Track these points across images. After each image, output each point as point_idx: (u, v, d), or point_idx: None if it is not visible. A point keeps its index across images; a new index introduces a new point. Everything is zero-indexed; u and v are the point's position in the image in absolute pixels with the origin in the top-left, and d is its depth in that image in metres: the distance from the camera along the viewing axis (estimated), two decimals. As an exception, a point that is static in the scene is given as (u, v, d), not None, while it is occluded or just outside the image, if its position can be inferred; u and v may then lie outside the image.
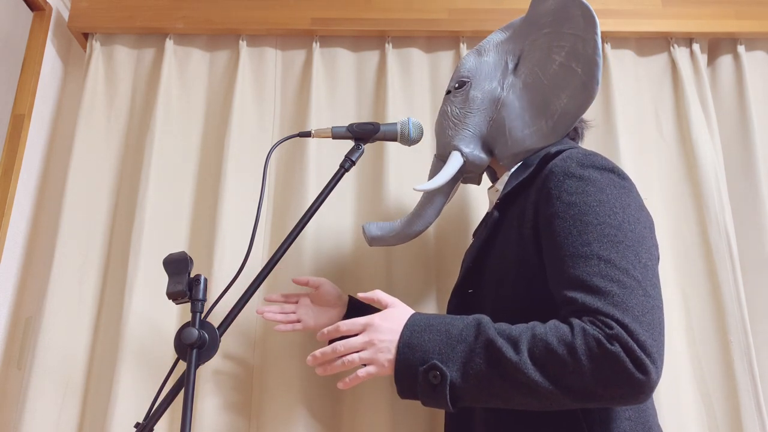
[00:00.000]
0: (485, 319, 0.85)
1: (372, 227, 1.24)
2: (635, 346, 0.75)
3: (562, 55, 1.06)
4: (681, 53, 1.64)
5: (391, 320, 0.89)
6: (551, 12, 1.11)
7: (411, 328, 0.87)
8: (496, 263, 0.99)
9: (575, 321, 0.80)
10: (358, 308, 1.28)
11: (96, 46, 1.63)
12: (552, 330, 0.80)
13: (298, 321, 1.26)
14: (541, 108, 1.07)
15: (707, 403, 1.40)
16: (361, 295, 0.96)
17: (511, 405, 0.82)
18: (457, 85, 1.17)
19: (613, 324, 0.77)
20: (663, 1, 1.64)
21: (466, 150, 1.12)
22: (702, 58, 1.64)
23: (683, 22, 1.62)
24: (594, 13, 1.04)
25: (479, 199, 1.50)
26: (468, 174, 1.18)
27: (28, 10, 1.58)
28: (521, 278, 0.93)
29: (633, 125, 1.59)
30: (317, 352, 0.93)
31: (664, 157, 1.58)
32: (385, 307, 0.93)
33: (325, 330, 0.95)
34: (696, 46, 1.64)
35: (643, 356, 0.75)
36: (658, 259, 0.93)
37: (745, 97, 1.60)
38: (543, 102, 1.07)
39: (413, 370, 0.84)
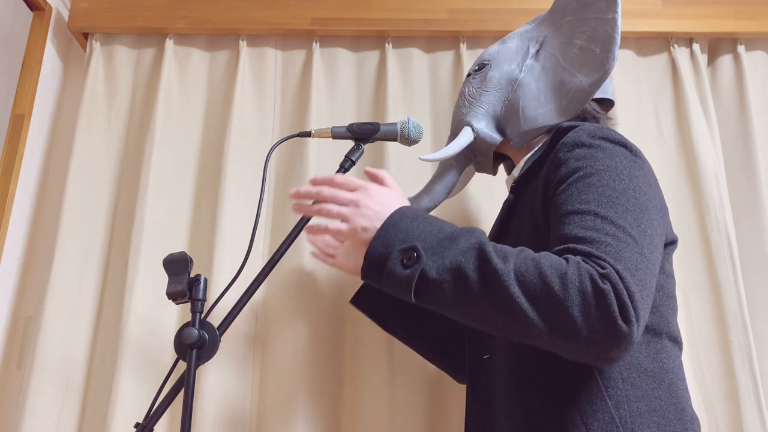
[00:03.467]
0: (480, 230, 0.82)
1: None
2: (624, 292, 0.72)
3: (583, 39, 1.07)
4: (681, 53, 1.64)
5: (387, 196, 0.85)
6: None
7: (402, 212, 0.83)
8: (512, 245, 0.98)
9: (570, 256, 0.77)
10: None
11: (96, 46, 1.63)
12: (545, 256, 0.77)
13: (332, 256, 1.17)
14: (557, 89, 1.07)
15: (707, 403, 1.40)
16: (367, 169, 0.94)
17: (471, 317, 0.77)
18: (477, 67, 1.18)
19: (606, 265, 0.74)
20: (663, 1, 1.64)
21: (477, 126, 1.11)
22: (702, 58, 1.64)
23: (683, 22, 1.63)
24: None
25: (486, 198, 1.50)
26: (480, 158, 1.17)
27: (28, 10, 1.58)
28: None
29: (633, 125, 1.59)
30: (302, 188, 0.88)
31: (664, 157, 1.58)
32: (388, 187, 0.90)
33: (318, 177, 0.90)
34: (696, 46, 1.64)
35: (630, 306, 0.72)
36: (674, 243, 0.91)
37: (745, 97, 1.60)
38: (559, 83, 1.07)
39: (389, 249, 0.79)
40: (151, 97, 1.60)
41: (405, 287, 0.77)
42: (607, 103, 1.22)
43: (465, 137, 1.11)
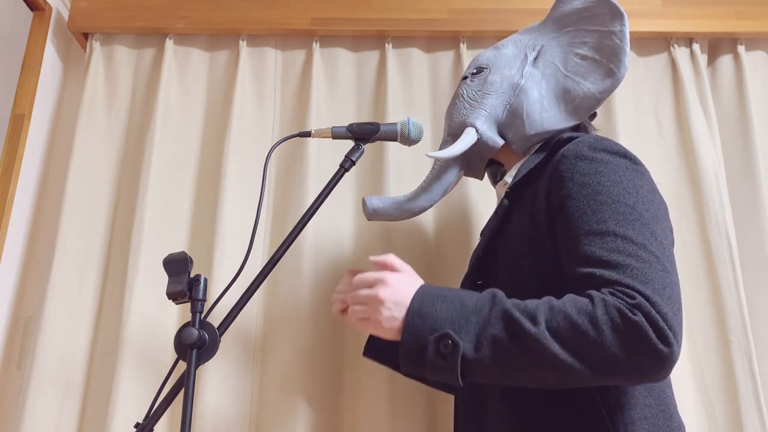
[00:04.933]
0: (499, 292, 0.83)
1: (373, 199, 1.22)
2: (658, 317, 0.74)
3: (584, 49, 1.08)
4: (681, 53, 1.64)
5: (402, 282, 0.85)
6: (576, 11, 1.12)
7: (422, 297, 0.83)
8: (508, 251, 0.98)
9: (594, 292, 0.77)
10: None
11: (96, 46, 1.63)
12: (570, 302, 0.78)
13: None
14: (560, 95, 1.08)
15: (707, 403, 1.40)
16: (372, 258, 0.92)
17: (524, 380, 0.79)
18: (475, 70, 1.17)
19: (635, 294, 0.75)
20: (663, 1, 1.64)
21: (482, 127, 1.11)
22: (702, 58, 1.64)
23: (683, 22, 1.63)
24: (621, 9, 1.05)
25: (480, 201, 1.50)
26: (474, 160, 1.17)
27: (28, 10, 1.58)
28: (535, 266, 0.92)
29: (633, 125, 1.59)
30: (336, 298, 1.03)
31: (664, 157, 1.58)
32: (398, 271, 0.90)
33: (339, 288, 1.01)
34: (696, 46, 1.64)
35: (666, 328, 0.73)
36: (673, 243, 0.93)
37: (745, 97, 1.60)
38: (563, 90, 1.08)
39: (422, 340, 0.79)
40: (151, 97, 1.60)
41: (451, 375, 0.78)
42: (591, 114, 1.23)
43: (469, 137, 1.11)
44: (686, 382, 1.39)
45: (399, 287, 0.85)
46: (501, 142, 1.12)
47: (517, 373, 0.78)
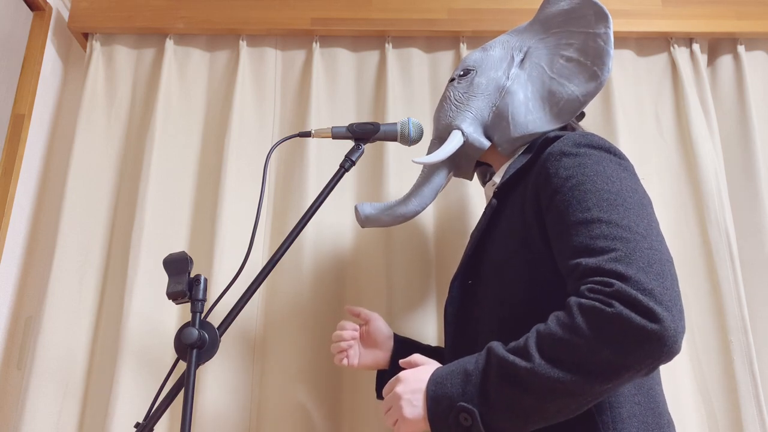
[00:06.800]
0: (495, 343, 0.84)
1: (365, 206, 1.23)
2: (639, 296, 0.72)
3: (570, 51, 1.08)
4: (681, 53, 1.64)
5: (417, 375, 0.88)
6: (563, 12, 1.12)
7: (434, 381, 0.85)
8: (498, 251, 0.98)
9: (572, 299, 0.78)
10: (403, 344, 1.23)
11: (96, 46, 1.63)
12: (553, 321, 0.78)
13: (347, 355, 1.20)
14: (545, 98, 1.08)
15: (707, 403, 1.40)
16: (402, 362, 0.96)
17: (551, 417, 0.78)
18: (461, 72, 1.18)
19: (613, 281, 0.74)
20: (663, 1, 1.64)
21: (467, 130, 1.12)
22: (702, 58, 1.64)
23: (683, 22, 1.63)
24: (606, 11, 1.05)
25: (479, 202, 1.50)
26: (463, 162, 1.17)
27: (28, 10, 1.58)
28: (526, 265, 0.92)
29: (633, 125, 1.59)
30: None
31: (664, 157, 1.58)
32: (419, 365, 0.92)
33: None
34: (696, 46, 1.64)
35: (651, 304, 0.72)
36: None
37: (745, 97, 1.60)
38: (548, 92, 1.08)
39: (445, 421, 0.81)
40: (151, 97, 1.60)
41: None
42: (579, 114, 1.23)
43: (456, 141, 1.11)
44: (686, 382, 1.40)
45: (414, 378, 0.88)
46: (487, 143, 1.12)
47: (539, 413, 0.78)
